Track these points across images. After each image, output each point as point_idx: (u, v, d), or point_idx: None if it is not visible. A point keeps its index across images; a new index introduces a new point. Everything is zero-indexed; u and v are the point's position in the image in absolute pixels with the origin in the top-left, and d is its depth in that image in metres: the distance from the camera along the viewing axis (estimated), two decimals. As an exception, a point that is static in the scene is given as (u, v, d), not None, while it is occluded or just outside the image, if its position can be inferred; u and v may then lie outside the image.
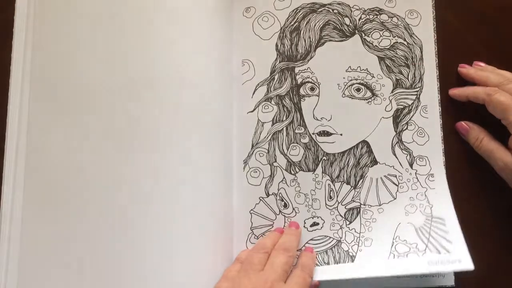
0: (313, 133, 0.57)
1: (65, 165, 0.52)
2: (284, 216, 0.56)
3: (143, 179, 0.52)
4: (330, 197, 0.56)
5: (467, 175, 0.57)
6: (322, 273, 0.53)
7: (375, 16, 0.58)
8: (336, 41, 0.57)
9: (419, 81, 0.57)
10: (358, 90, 0.57)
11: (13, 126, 0.53)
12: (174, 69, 0.53)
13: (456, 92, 0.56)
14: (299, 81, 0.57)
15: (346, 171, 0.56)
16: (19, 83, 0.54)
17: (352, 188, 0.56)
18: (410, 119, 0.56)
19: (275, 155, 0.57)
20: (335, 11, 0.58)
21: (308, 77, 0.57)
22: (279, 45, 0.58)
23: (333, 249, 0.55)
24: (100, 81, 0.53)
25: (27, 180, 0.52)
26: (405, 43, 0.57)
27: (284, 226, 0.56)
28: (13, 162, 0.52)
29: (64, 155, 0.52)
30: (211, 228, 0.53)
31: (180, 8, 0.54)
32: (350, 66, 0.57)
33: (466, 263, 0.49)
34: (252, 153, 0.57)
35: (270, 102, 0.58)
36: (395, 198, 0.55)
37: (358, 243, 0.54)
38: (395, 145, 0.56)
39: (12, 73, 0.54)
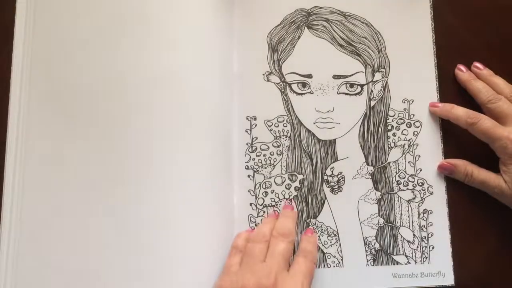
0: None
1: (64, 164, 0.52)
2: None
3: (143, 179, 0.52)
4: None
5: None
6: None
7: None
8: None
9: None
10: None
11: (13, 126, 0.53)
12: (173, 69, 0.53)
13: (438, 110, 0.56)
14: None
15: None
16: (19, 83, 0.54)
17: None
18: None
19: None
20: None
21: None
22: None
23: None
24: (100, 81, 0.53)
25: (27, 179, 0.52)
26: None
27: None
28: (13, 162, 0.52)
29: (64, 154, 0.53)
30: (212, 227, 0.53)
31: (180, 8, 0.54)
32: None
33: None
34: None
35: None
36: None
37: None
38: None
39: (12, 73, 0.54)
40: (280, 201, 0.56)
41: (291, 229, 0.52)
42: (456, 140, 0.57)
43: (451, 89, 0.57)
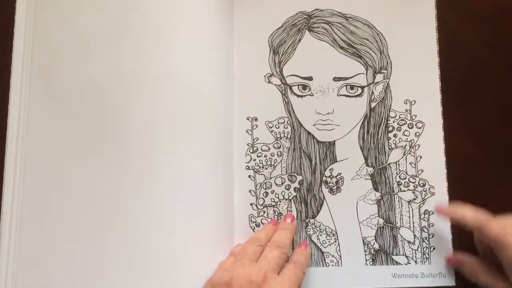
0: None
1: (64, 164, 0.52)
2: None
3: (143, 180, 0.52)
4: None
5: (467, 175, 0.57)
6: None
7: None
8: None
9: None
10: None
11: (13, 126, 0.53)
12: (174, 70, 0.53)
13: (444, 212, 0.54)
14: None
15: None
16: (19, 83, 0.54)
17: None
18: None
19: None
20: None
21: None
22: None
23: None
24: (100, 81, 0.53)
25: (27, 180, 0.52)
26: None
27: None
28: (13, 162, 0.53)
29: (64, 155, 0.52)
30: (212, 228, 0.53)
31: (180, 8, 0.54)
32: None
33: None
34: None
35: None
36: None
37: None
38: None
39: (12, 73, 0.54)
40: (280, 202, 0.57)
41: (287, 243, 0.52)
42: (458, 140, 0.56)
43: (454, 90, 0.57)
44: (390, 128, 0.57)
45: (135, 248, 0.51)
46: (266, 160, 0.57)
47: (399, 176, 0.56)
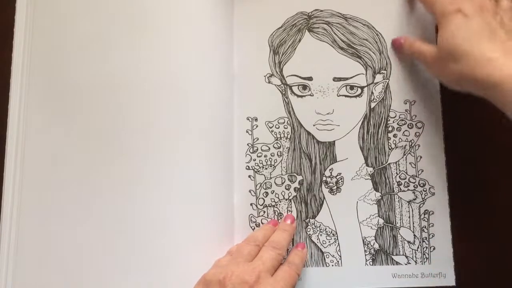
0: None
1: (64, 164, 0.53)
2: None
3: (143, 180, 0.52)
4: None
5: (467, 175, 0.57)
6: None
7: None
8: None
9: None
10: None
11: (13, 126, 0.53)
12: (174, 70, 0.53)
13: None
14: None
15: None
16: (19, 83, 0.54)
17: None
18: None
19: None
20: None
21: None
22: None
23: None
24: (100, 81, 0.53)
25: (27, 179, 0.52)
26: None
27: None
28: (13, 162, 0.53)
29: (63, 154, 0.53)
30: (212, 228, 0.53)
31: (180, 9, 0.54)
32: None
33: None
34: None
35: None
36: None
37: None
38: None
39: (12, 73, 0.54)
40: (280, 202, 0.56)
41: (284, 245, 0.52)
42: (458, 140, 0.56)
43: (454, 90, 0.57)
44: (390, 128, 0.57)
45: (135, 248, 0.51)
46: (266, 160, 0.57)
47: (399, 176, 0.56)
